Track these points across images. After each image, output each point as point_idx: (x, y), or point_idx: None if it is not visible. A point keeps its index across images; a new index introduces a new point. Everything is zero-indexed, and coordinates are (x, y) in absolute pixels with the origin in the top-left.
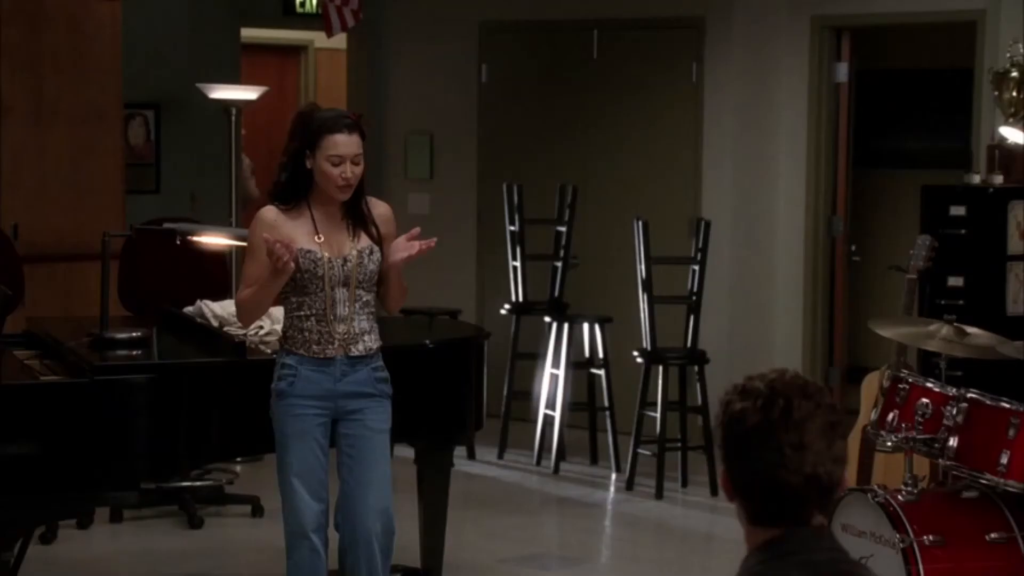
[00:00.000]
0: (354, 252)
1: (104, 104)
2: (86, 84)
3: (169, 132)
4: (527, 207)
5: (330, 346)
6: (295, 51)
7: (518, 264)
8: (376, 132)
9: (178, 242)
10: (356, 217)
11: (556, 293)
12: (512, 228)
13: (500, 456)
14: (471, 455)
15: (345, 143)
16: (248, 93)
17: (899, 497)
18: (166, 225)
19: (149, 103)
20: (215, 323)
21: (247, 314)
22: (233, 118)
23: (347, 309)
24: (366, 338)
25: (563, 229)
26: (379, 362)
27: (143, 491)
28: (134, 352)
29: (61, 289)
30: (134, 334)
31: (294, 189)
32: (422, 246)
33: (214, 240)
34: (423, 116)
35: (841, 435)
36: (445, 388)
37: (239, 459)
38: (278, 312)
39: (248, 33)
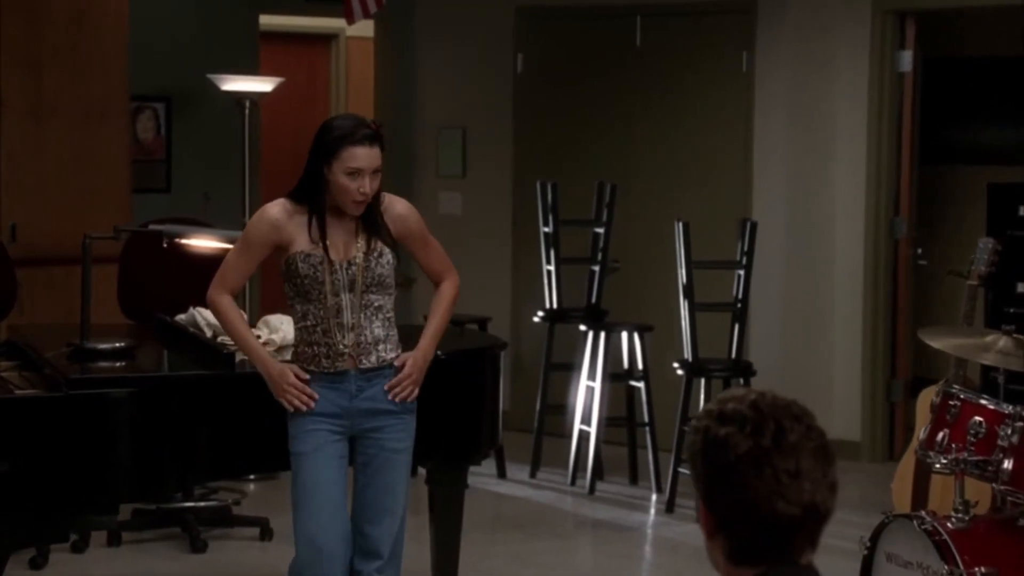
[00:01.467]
0: (360, 254)
1: (109, 98)
2: (90, 77)
3: (181, 127)
4: (563, 207)
5: (340, 359)
6: (324, 40)
7: (552, 268)
8: (406, 127)
9: (165, 245)
10: (369, 225)
11: (593, 299)
12: (546, 229)
13: (532, 475)
14: (501, 474)
15: (365, 156)
16: (263, 84)
17: (948, 524)
18: (152, 226)
19: (159, 95)
20: (208, 332)
21: (214, 315)
22: (247, 111)
23: (355, 316)
24: (380, 348)
25: (601, 231)
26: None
27: (143, 512)
28: (117, 364)
29: (62, 294)
30: (117, 344)
31: (307, 192)
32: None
33: (204, 243)
34: (455, 109)
35: (832, 460)
36: (457, 403)
37: (253, 476)
38: (276, 320)
39: (271, 21)
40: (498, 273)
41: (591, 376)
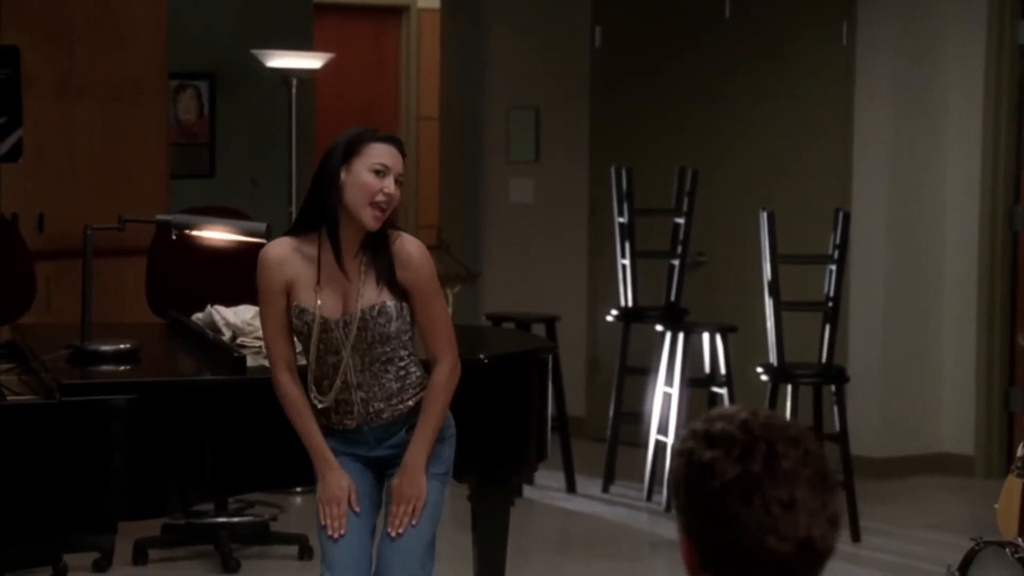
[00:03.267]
0: (357, 312)
1: (145, 75)
2: (124, 51)
3: (226, 107)
4: (642, 194)
5: (348, 416)
6: (394, 13)
7: (627, 262)
8: (474, 108)
9: (173, 237)
10: (375, 251)
11: (672, 297)
12: (621, 220)
13: (605, 489)
14: (571, 487)
15: (391, 154)
16: (311, 61)
17: None
18: (159, 217)
19: (202, 73)
20: (227, 332)
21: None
22: (294, 89)
23: (359, 376)
24: (394, 401)
25: (681, 221)
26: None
27: (173, 527)
28: (121, 367)
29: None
30: (121, 346)
31: (313, 215)
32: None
33: (216, 235)
34: (528, 88)
35: (833, 489)
36: (501, 413)
37: (299, 489)
38: None
39: None
40: (573, 267)
41: (668, 381)
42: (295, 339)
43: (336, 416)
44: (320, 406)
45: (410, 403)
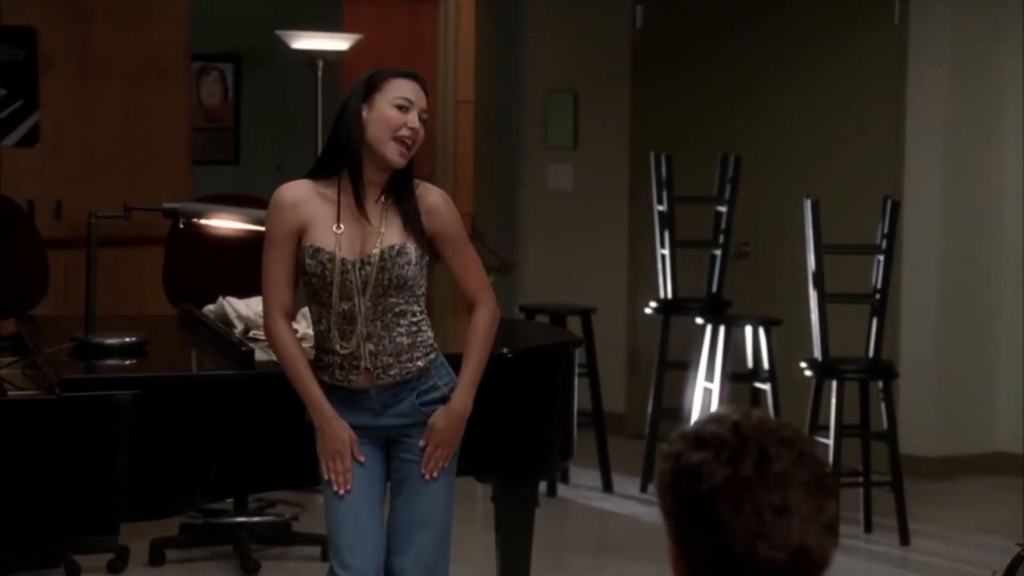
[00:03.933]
0: (376, 252)
1: (168, 57)
2: (146, 31)
3: (252, 90)
4: (684, 181)
5: (354, 372)
6: None
7: (667, 252)
8: (510, 92)
9: (180, 226)
10: (399, 195)
11: (714, 288)
12: (660, 208)
13: (643, 488)
14: (607, 487)
15: (414, 89)
16: (338, 42)
17: None
18: (166, 205)
19: (227, 55)
20: (239, 324)
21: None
22: (320, 72)
23: (370, 325)
24: (404, 358)
25: (723, 209)
26: (430, 382)
27: (191, 527)
28: (126, 361)
29: (109, 279)
30: (126, 339)
31: (333, 159)
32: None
33: (224, 223)
34: (566, 71)
35: (830, 494)
36: (524, 410)
37: (319, 487)
38: None
39: None
40: (612, 257)
41: (709, 376)
42: (307, 288)
43: (341, 372)
44: (343, 351)
45: (419, 363)
